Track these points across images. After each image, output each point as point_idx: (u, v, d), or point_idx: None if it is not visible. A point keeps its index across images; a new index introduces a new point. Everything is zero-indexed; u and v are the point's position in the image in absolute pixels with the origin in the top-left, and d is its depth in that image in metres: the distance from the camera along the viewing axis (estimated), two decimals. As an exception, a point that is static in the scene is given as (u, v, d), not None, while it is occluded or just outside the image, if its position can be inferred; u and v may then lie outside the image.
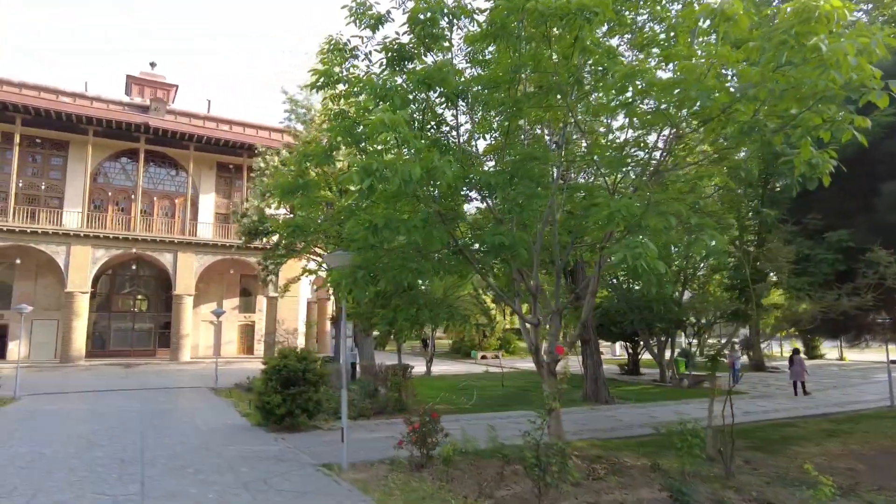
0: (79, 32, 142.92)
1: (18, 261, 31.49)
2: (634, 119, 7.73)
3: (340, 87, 7.53)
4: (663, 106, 6.75)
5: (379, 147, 7.08)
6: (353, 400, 16.30)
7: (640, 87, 6.57)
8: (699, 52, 6.74)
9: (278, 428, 12.52)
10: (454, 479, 8.10)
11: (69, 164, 33.77)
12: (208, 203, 37.21)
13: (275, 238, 25.84)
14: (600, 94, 7.86)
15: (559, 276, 10.15)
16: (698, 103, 5.96)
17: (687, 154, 8.99)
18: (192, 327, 34.02)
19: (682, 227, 7.71)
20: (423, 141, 6.73)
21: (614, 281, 26.19)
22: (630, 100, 6.85)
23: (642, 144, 9.48)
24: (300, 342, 33.03)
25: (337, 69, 7.39)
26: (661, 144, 9.16)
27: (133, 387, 22.78)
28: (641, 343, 29.24)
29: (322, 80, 7.31)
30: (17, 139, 30.38)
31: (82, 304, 30.54)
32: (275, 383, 12.22)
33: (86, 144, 32.00)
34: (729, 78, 6.93)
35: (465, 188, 7.35)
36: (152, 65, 42.21)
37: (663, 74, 7.45)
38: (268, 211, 24.19)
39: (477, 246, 8.94)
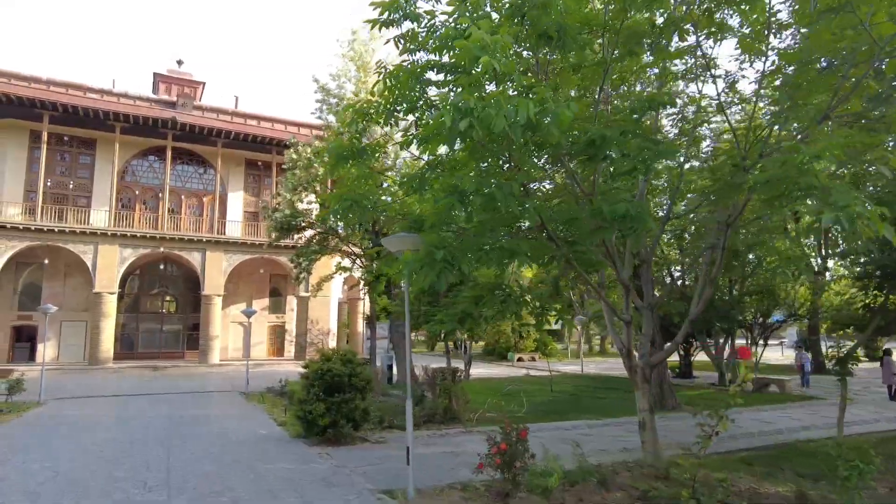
0: (103, 31, 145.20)
1: (46, 261, 30.85)
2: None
3: (408, 24, 5.99)
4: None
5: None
6: (397, 406, 14.87)
7: None
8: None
9: (320, 440, 11.06)
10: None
11: (97, 163, 33.09)
12: (237, 201, 36.25)
13: (307, 233, 24.62)
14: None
15: (649, 262, 8.48)
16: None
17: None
18: (221, 329, 33.02)
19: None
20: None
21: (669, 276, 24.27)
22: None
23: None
24: (331, 343, 31.75)
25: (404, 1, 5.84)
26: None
27: (161, 390, 21.69)
28: (695, 343, 27.24)
29: (387, 14, 5.80)
30: (45, 137, 29.73)
31: (110, 305, 29.72)
32: (317, 389, 10.76)
33: (113, 142, 31.22)
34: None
35: (567, 144, 5.73)
36: (179, 62, 41.46)
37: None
38: (299, 206, 22.93)
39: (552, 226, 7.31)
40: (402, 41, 6.29)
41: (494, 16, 5.58)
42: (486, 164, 5.93)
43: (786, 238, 15.48)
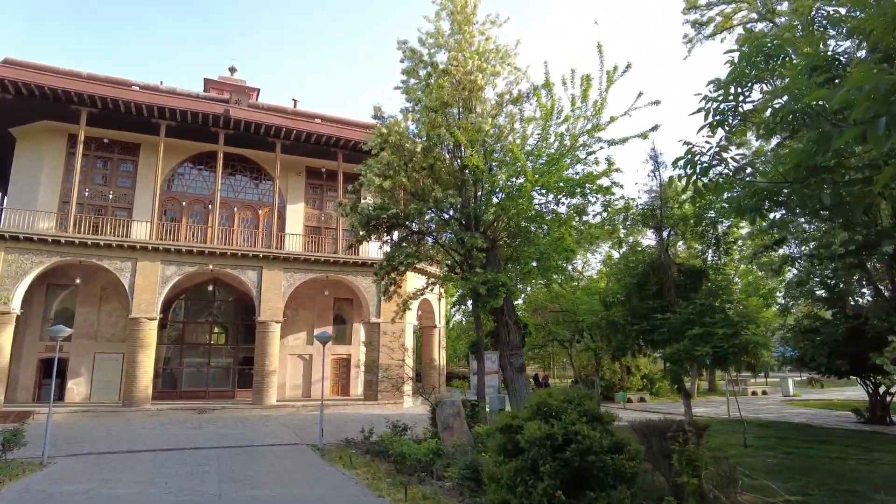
0: (151, 42, 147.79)
1: (78, 281, 26.27)
2: None
3: None
4: None
5: None
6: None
7: None
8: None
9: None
10: None
11: (139, 170, 28.80)
12: (297, 214, 31.32)
13: (393, 237, 19.05)
14: None
15: None
16: None
17: None
18: (279, 363, 27.60)
19: None
20: None
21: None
22: None
23: None
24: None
25: None
26: None
27: (207, 442, 16.16)
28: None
29: None
30: (81, 136, 25.55)
31: (150, 334, 24.74)
32: (551, 475, 4.85)
33: (157, 146, 26.83)
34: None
35: None
36: (232, 70, 37.62)
37: None
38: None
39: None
40: None
41: None
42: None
43: None
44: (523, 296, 30.34)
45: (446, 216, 18.09)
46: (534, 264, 17.12)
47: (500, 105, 18.73)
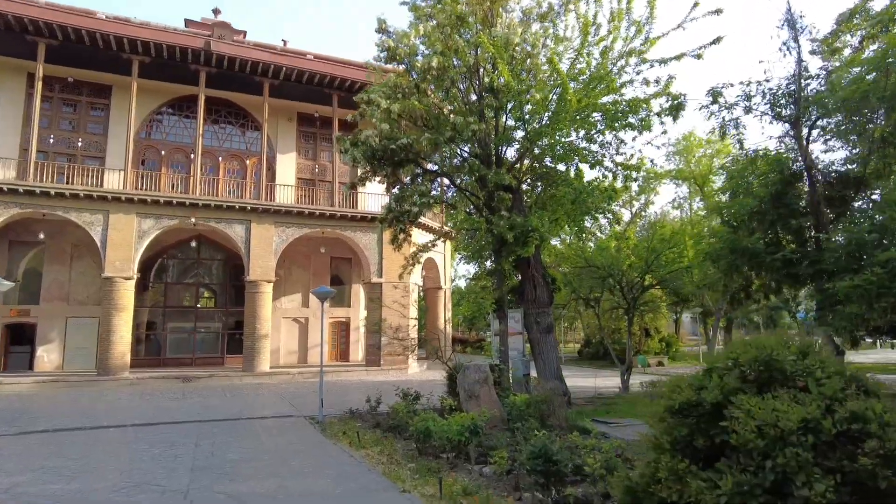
0: None
1: (42, 236, 23.48)
2: None
3: None
4: None
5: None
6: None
7: None
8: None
9: None
10: None
11: (112, 115, 25.73)
12: (288, 165, 28.43)
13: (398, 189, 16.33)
14: None
15: None
16: None
17: None
18: (272, 327, 25.16)
19: None
20: None
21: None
22: None
23: None
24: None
25: None
26: None
27: (189, 417, 13.73)
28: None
29: None
30: (39, 73, 22.44)
31: (126, 295, 22.14)
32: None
33: (131, 87, 23.72)
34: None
35: None
36: (215, 12, 34.10)
37: None
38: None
39: None
40: None
41: None
42: None
43: None
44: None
45: (464, 152, 15.40)
46: (568, 207, 14.53)
47: (526, 22, 15.89)
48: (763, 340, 3.13)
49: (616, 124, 14.28)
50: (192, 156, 25.56)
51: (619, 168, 15.52)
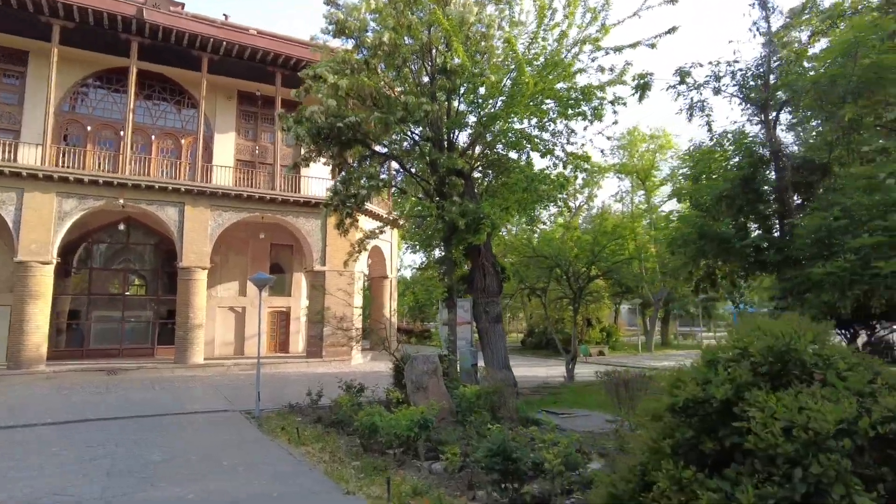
0: None
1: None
2: None
3: None
4: None
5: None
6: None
7: None
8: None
9: None
10: None
11: (29, 83, 23.61)
12: (227, 145, 26.96)
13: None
14: None
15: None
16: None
17: None
18: (206, 316, 23.84)
19: None
20: None
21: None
22: None
23: None
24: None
25: None
26: None
27: (111, 413, 12.61)
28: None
29: None
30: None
31: (43, 281, 20.36)
32: None
33: (51, 54, 21.75)
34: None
35: None
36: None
37: None
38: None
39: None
40: None
41: None
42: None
43: None
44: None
45: (416, 135, 14.81)
46: (520, 194, 14.23)
47: (482, 3, 15.42)
48: (774, 326, 2.76)
49: (569, 111, 14.10)
50: (122, 133, 23.76)
51: (570, 158, 15.40)
